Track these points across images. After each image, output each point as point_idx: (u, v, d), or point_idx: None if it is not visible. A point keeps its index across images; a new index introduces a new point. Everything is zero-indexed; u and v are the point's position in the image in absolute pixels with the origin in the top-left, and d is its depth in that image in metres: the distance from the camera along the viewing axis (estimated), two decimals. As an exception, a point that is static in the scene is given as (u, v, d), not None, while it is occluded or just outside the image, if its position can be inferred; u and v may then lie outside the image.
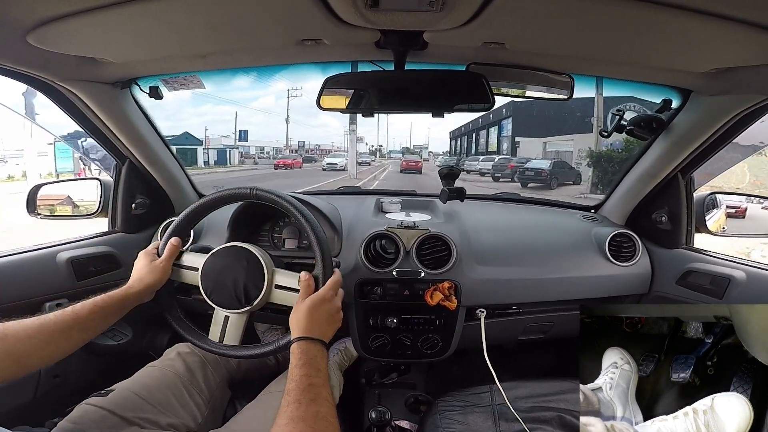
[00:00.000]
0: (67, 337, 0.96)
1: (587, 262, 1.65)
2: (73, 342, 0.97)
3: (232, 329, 1.19)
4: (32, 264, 1.45)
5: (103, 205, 1.75)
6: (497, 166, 20.78)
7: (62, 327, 0.95)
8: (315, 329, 1.02)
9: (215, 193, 1.24)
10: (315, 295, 1.08)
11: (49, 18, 0.89)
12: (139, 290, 1.12)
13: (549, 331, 1.73)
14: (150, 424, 1.08)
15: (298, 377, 0.90)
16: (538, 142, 23.58)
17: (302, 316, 1.04)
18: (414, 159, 31.39)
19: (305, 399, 0.84)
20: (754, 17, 0.81)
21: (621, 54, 1.15)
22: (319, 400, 0.85)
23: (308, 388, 0.87)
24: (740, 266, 1.43)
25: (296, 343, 0.99)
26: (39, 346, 0.90)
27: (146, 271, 1.16)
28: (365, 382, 1.91)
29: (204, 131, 30.40)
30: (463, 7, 0.88)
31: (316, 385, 0.88)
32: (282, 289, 1.18)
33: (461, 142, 42.33)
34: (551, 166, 17.19)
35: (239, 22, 1.01)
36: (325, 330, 1.05)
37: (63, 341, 0.95)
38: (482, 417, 1.26)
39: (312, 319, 1.04)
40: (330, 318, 1.08)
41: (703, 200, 1.65)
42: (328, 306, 1.08)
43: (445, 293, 1.44)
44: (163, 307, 1.22)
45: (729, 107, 1.27)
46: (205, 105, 58.82)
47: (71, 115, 1.45)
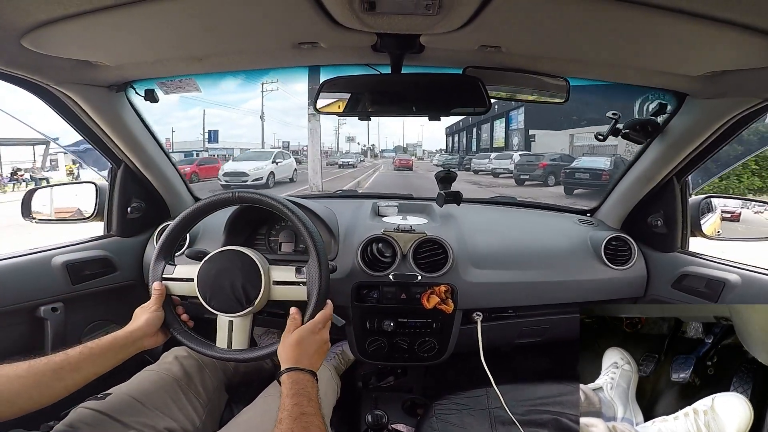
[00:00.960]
0: (58, 378, 0.95)
1: (583, 266, 1.65)
2: (65, 383, 0.96)
3: (239, 333, 1.19)
4: (27, 268, 1.44)
5: (98, 209, 1.74)
6: (522, 165, 16.68)
7: (53, 367, 0.95)
8: (304, 360, 1.04)
9: (210, 197, 1.24)
10: (303, 327, 1.10)
11: (44, 21, 0.88)
12: (127, 333, 1.11)
13: (545, 335, 1.73)
14: (147, 428, 1.07)
15: (290, 406, 0.91)
16: (561, 135, 21.08)
17: (291, 348, 1.06)
18: (406, 158, 35.07)
19: (297, 428, 0.86)
20: (748, 20, 0.81)
21: (617, 57, 1.16)
22: (311, 428, 0.87)
23: (300, 417, 0.88)
24: (735, 270, 1.43)
25: (286, 373, 1.00)
26: (30, 386, 0.90)
27: (137, 316, 1.17)
28: (362, 385, 1.91)
29: (171, 133, 29.35)
30: (460, 11, 0.88)
31: (308, 414, 0.90)
32: (280, 284, 1.18)
33: (459, 138, 40.46)
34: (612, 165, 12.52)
35: (235, 25, 1.00)
36: (313, 361, 1.07)
37: (54, 382, 0.94)
38: (479, 420, 1.26)
39: (301, 351, 1.06)
40: (318, 349, 1.10)
41: (698, 204, 1.65)
42: (316, 338, 1.10)
43: (442, 297, 1.44)
44: (166, 320, 1.21)
45: (724, 110, 1.27)
46: (194, 108, 58.78)
47: (66, 119, 1.44)
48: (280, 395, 0.96)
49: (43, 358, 0.96)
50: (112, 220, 1.74)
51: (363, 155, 40.16)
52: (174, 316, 1.22)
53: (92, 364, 1.02)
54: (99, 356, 1.03)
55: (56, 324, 1.44)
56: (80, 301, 1.54)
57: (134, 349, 1.12)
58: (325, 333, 1.13)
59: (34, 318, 1.42)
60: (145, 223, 1.80)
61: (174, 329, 1.21)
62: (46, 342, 1.43)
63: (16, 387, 0.88)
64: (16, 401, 0.88)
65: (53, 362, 0.95)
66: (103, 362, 1.04)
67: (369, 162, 38.01)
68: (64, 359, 0.97)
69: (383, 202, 1.89)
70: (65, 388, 0.96)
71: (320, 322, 1.12)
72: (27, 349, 1.42)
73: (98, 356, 1.03)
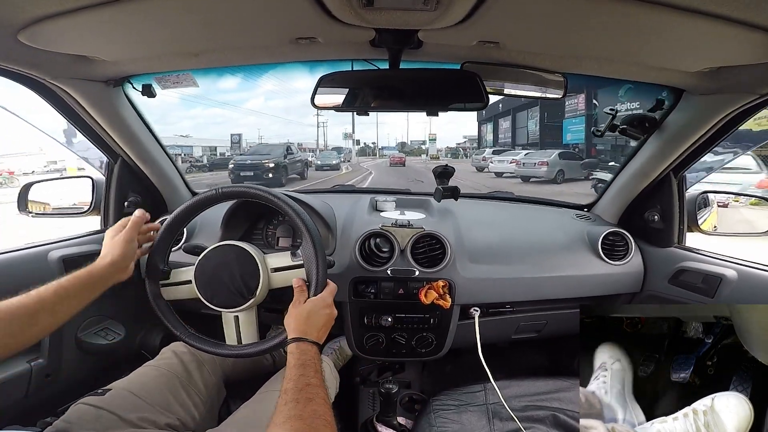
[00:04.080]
0: (33, 323, 0.91)
1: (580, 261, 1.65)
2: (40, 327, 0.92)
3: (246, 327, 1.19)
4: (23, 262, 1.43)
5: (95, 204, 1.74)
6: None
7: (27, 311, 0.90)
8: (312, 332, 1.03)
9: (207, 191, 1.23)
10: (314, 299, 1.09)
11: (40, 17, 0.88)
12: (104, 265, 1.07)
13: (542, 330, 1.73)
14: (147, 424, 1.07)
15: (295, 377, 0.90)
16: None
17: (301, 318, 1.05)
18: (399, 155, 39.47)
19: (302, 398, 0.84)
20: (745, 16, 0.81)
21: (614, 53, 1.16)
22: (316, 399, 0.85)
23: (305, 387, 0.87)
24: (731, 265, 1.43)
25: (294, 343, 0.99)
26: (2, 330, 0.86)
27: (110, 246, 1.12)
28: (360, 381, 1.91)
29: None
30: (458, 6, 0.88)
31: (314, 385, 0.89)
32: (279, 270, 1.18)
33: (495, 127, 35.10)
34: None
35: (233, 20, 1.00)
36: (320, 334, 1.06)
37: (29, 327, 0.90)
38: (476, 416, 1.26)
39: (310, 322, 1.05)
40: (327, 323, 1.09)
41: (695, 199, 1.66)
42: (326, 311, 1.09)
43: (440, 292, 1.44)
44: (171, 329, 1.20)
45: (721, 106, 1.27)
46: (195, 108, 58.67)
47: (63, 113, 1.44)
48: (285, 371, 0.94)
49: (15, 299, 0.90)
50: (109, 214, 1.73)
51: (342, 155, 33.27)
52: (177, 321, 1.21)
53: (68, 305, 0.98)
54: (74, 296, 0.99)
55: (52, 319, 1.43)
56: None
57: (108, 284, 1.08)
58: (333, 307, 1.12)
59: None
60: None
61: (182, 335, 1.20)
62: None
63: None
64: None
65: (26, 306, 0.90)
66: (77, 302, 1.00)
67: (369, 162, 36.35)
68: (38, 302, 0.92)
69: (381, 197, 1.88)
70: (41, 330, 0.93)
71: (329, 295, 1.12)
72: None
73: (73, 296, 0.99)
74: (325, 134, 33.44)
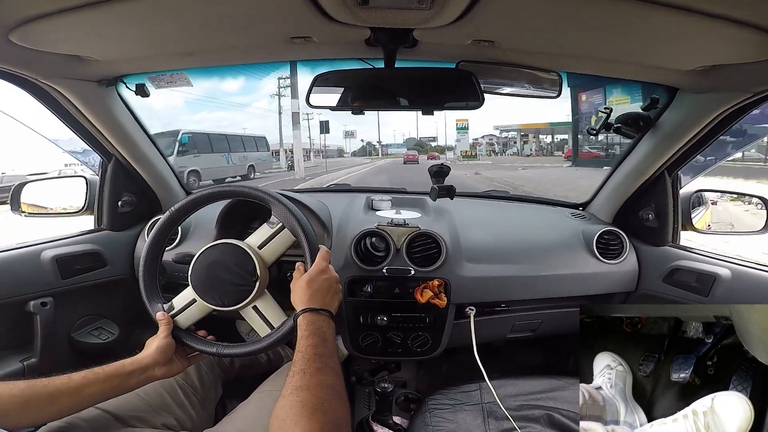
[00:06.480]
0: (53, 401, 0.91)
1: (575, 260, 1.65)
2: (59, 407, 0.92)
3: (270, 312, 1.16)
4: (16, 262, 1.43)
5: (88, 203, 1.73)
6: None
7: (51, 390, 0.90)
8: (317, 300, 1.03)
9: (200, 191, 1.23)
10: (310, 270, 1.09)
11: (32, 16, 0.87)
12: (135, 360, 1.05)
13: (537, 329, 1.73)
14: (144, 424, 1.07)
15: (304, 348, 0.90)
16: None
17: (302, 291, 1.04)
18: (412, 153, 40.97)
19: (310, 368, 0.84)
20: (739, 15, 0.82)
21: (608, 51, 1.16)
22: (325, 369, 0.85)
23: (314, 357, 0.87)
24: (725, 264, 1.44)
25: (301, 315, 0.99)
26: (19, 406, 0.86)
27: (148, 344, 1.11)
28: (355, 380, 1.91)
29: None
30: (453, 5, 0.88)
31: (322, 355, 0.88)
32: (265, 244, 1.18)
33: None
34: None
35: (227, 20, 0.99)
36: (327, 300, 1.05)
37: (48, 405, 0.90)
38: (472, 415, 1.26)
39: (312, 291, 1.04)
40: (330, 288, 1.08)
41: (689, 198, 1.66)
42: (326, 276, 1.08)
43: (435, 291, 1.44)
44: (209, 354, 1.18)
45: (715, 105, 1.28)
46: (201, 112, 58.80)
47: (56, 113, 1.43)
48: (297, 339, 0.93)
49: (45, 379, 0.91)
50: (102, 214, 1.73)
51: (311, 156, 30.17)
52: (207, 342, 1.17)
53: (94, 389, 0.97)
54: (104, 381, 0.98)
55: (46, 319, 1.43)
56: (70, 296, 1.53)
57: (144, 378, 1.06)
58: (332, 271, 1.12)
59: (23, 313, 1.41)
60: (136, 217, 1.78)
61: (219, 351, 1.15)
62: (35, 337, 1.42)
63: (5, 406, 0.85)
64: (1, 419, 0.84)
65: (53, 385, 0.91)
66: (106, 389, 0.99)
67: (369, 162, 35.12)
68: (65, 382, 0.93)
69: (377, 196, 1.88)
70: (58, 412, 0.93)
71: (322, 260, 1.10)
72: (16, 345, 1.42)
73: (103, 381, 0.98)
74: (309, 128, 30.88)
